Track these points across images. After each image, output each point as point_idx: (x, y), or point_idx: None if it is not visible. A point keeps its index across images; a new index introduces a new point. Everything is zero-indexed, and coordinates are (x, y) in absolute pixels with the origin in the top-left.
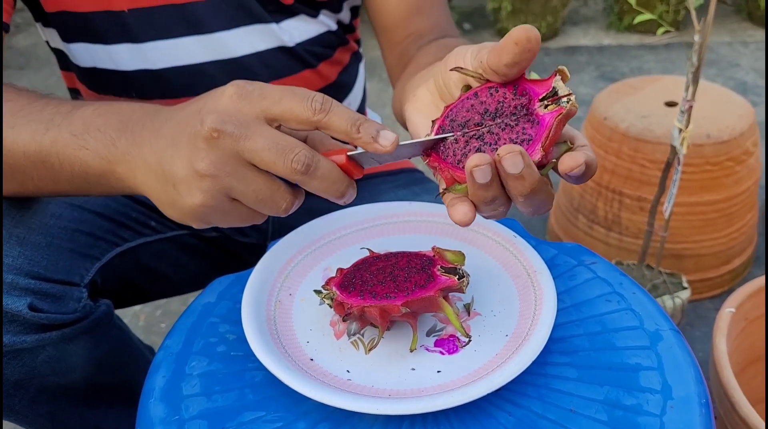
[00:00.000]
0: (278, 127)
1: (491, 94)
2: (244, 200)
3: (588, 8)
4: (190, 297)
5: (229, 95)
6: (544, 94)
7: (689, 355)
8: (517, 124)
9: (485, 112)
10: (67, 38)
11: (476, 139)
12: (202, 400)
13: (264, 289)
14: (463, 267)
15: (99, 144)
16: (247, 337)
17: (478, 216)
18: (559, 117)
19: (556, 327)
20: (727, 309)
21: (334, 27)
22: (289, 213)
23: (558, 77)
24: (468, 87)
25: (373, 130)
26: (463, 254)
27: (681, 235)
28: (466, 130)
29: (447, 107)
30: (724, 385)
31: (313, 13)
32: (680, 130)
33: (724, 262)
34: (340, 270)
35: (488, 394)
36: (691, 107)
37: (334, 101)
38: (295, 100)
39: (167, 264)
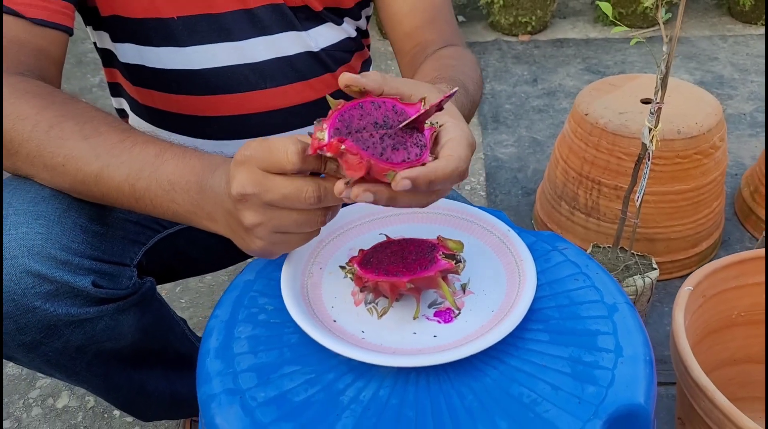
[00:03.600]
0: None
1: (377, 106)
2: (290, 230)
3: (576, 1)
4: (207, 276)
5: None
6: (419, 115)
7: (639, 323)
8: (411, 135)
9: (375, 123)
10: (117, 39)
11: (388, 137)
12: (250, 357)
13: (299, 263)
14: (461, 254)
15: (186, 203)
16: (285, 303)
17: (478, 210)
18: (433, 134)
19: (532, 301)
20: (686, 287)
21: (353, 33)
22: (328, 222)
23: (425, 103)
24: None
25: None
26: (462, 243)
27: (653, 221)
28: (386, 128)
29: (335, 111)
30: (680, 353)
31: (339, 21)
32: (650, 129)
33: (693, 246)
34: (361, 250)
35: (477, 353)
36: (660, 109)
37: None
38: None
39: (197, 248)
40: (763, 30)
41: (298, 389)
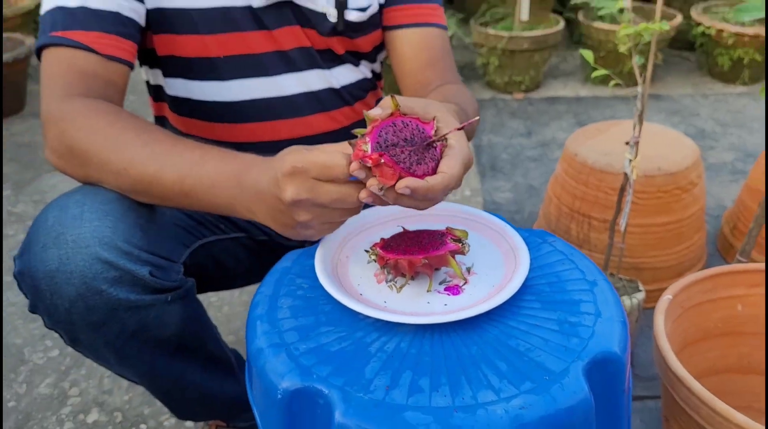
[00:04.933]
0: None
1: (405, 125)
2: (335, 219)
3: (567, 64)
4: (224, 306)
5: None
6: (434, 133)
7: (615, 295)
8: (428, 150)
9: (405, 138)
10: (168, 75)
11: (413, 154)
12: (292, 321)
13: (329, 252)
14: (466, 240)
15: (227, 197)
16: (320, 280)
17: (480, 211)
18: (442, 150)
19: (526, 279)
20: (666, 296)
21: (369, 75)
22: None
23: (437, 122)
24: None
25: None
26: (467, 232)
27: (639, 251)
28: (412, 146)
29: (375, 127)
30: (661, 351)
31: (357, 63)
32: (630, 161)
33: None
34: (382, 238)
35: (480, 315)
36: (638, 142)
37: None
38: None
39: (230, 257)
40: (741, 89)
41: (332, 343)
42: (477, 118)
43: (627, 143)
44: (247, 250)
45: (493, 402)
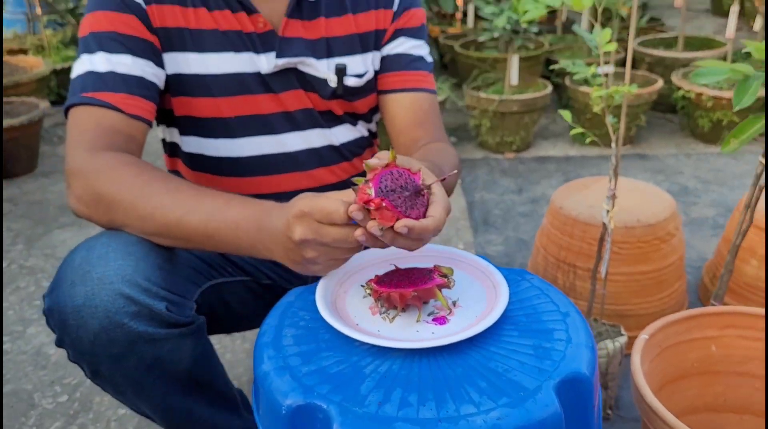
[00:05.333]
0: None
1: (400, 174)
2: (337, 257)
3: (556, 125)
4: (227, 353)
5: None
6: (422, 183)
7: (585, 323)
8: (418, 197)
9: (400, 186)
10: (184, 133)
11: (408, 199)
12: (295, 347)
13: (329, 289)
14: (451, 276)
15: (249, 239)
16: (320, 310)
17: (465, 252)
18: (428, 197)
19: (506, 311)
20: (642, 336)
21: (366, 134)
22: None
23: (423, 173)
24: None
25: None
26: (452, 269)
27: (623, 299)
28: (407, 193)
29: (376, 175)
30: (636, 383)
31: (354, 122)
32: (608, 211)
33: None
34: (376, 275)
35: (463, 341)
36: (614, 195)
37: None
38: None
39: (236, 299)
40: (719, 148)
41: (332, 366)
42: (455, 171)
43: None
44: (253, 293)
45: (474, 414)
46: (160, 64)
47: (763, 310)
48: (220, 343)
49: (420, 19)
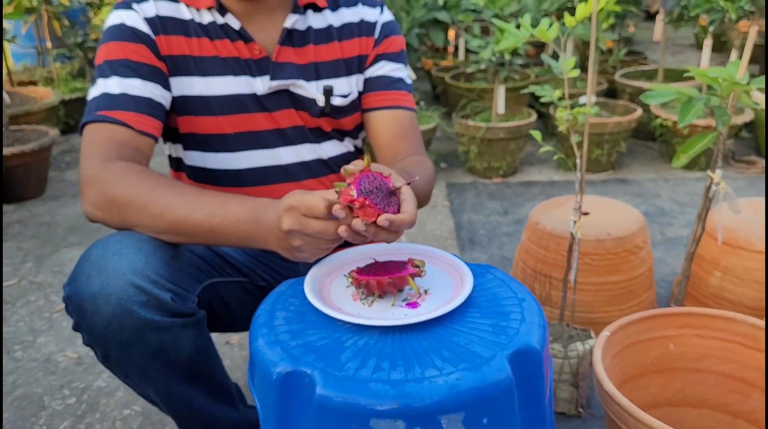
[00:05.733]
0: None
1: (374, 178)
2: (320, 247)
3: (541, 152)
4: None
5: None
6: (393, 185)
7: (538, 306)
8: (391, 197)
9: (376, 187)
10: (187, 148)
11: (385, 198)
12: (285, 327)
13: (316, 280)
14: (423, 267)
15: (247, 231)
16: (307, 296)
17: (438, 250)
18: (399, 196)
19: (470, 297)
20: (605, 333)
21: (352, 149)
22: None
23: (393, 177)
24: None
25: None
26: (423, 261)
27: (593, 307)
28: (382, 193)
29: (355, 178)
30: (597, 376)
31: (341, 138)
32: (575, 222)
33: None
34: (357, 267)
35: (431, 320)
36: (580, 206)
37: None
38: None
39: (234, 299)
40: (698, 174)
41: (316, 340)
42: (417, 178)
43: (582, 214)
44: (249, 293)
45: (436, 376)
46: (166, 87)
47: (714, 311)
48: (219, 350)
49: (399, 45)
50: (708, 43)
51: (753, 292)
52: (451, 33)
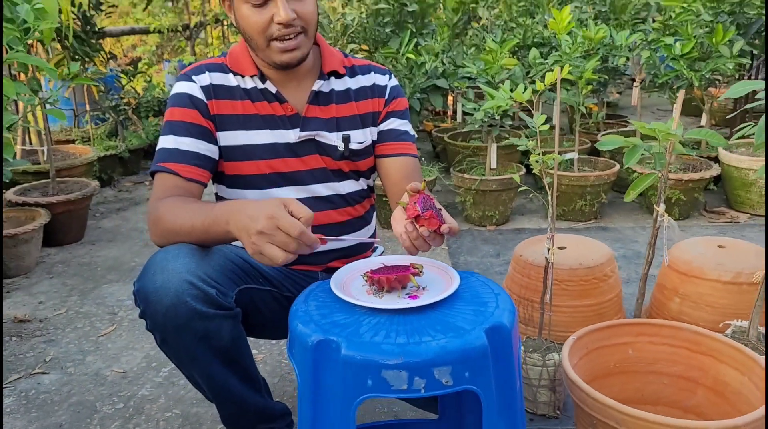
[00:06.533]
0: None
1: (427, 198)
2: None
3: (532, 204)
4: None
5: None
6: (437, 205)
7: (509, 299)
8: (438, 212)
9: (430, 206)
10: (230, 187)
11: (436, 212)
12: (316, 310)
13: (339, 279)
14: (422, 269)
15: (223, 227)
16: (333, 289)
17: (434, 260)
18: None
19: (457, 292)
20: (572, 337)
21: (365, 187)
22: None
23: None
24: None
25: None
26: (422, 265)
27: (569, 326)
28: (433, 210)
29: (416, 199)
30: (565, 371)
31: (357, 178)
32: (549, 249)
33: None
34: (371, 270)
35: (427, 305)
36: (553, 235)
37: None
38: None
39: (264, 306)
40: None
41: (340, 319)
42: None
43: (560, 248)
44: (277, 302)
45: (430, 341)
46: (213, 141)
47: (664, 321)
48: None
49: (404, 105)
50: (678, 106)
51: (707, 315)
52: (450, 98)
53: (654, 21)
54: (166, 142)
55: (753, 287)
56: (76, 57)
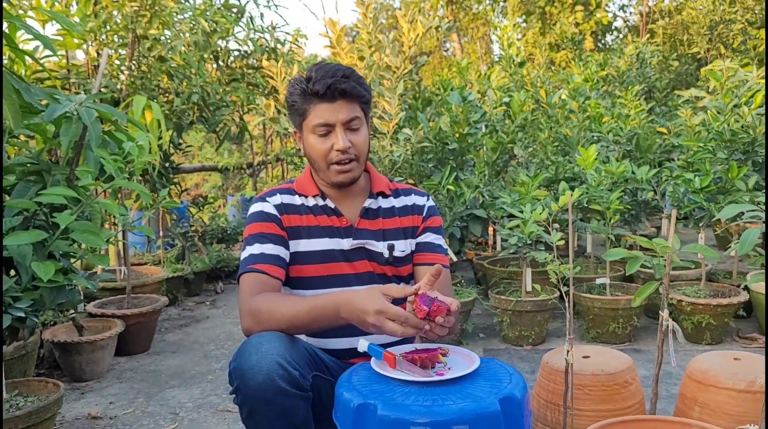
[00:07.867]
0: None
1: (425, 295)
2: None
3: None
4: None
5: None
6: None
7: (522, 378)
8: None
9: (429, 299)
10: (293, 287)
11: (440, 305)
12: (358, 382)
13: (376, 363)
14: (448, 352)
15: (332, 315)
16: (372, 366)
17: (458, 347)
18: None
19: (476, 371)
20: (591, 427)
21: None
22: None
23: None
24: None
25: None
26: (448, 349)
27: None
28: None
29: (414, 304)
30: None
31: (398, 282)
32: (568, 351)
33: None
34: (405, 351)
35: (452, 379)
36: (572, 339)
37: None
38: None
39: (325, 394)
40: (706, 347)
41: (378, 388)
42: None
43: (584, 357)
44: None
45: (451, 404)
46: (287, 247)
47: (675, 418)
48: None
49: (439, 223)
50: (672, 222)
51: (724, 423)
52: (491, 229)
53: (678, 159)
54: (251, 249)
55: None
56: (156, 188)
